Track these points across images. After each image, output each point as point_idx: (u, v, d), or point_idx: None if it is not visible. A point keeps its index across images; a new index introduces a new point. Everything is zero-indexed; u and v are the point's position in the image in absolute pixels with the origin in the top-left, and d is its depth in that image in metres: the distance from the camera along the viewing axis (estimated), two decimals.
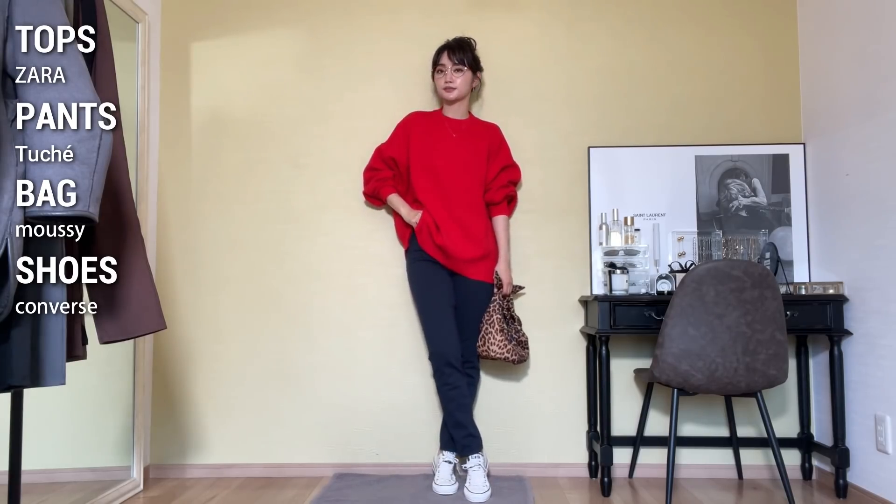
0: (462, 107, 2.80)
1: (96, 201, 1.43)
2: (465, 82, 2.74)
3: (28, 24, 1.40)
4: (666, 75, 2.97)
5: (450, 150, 2.72)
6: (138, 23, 2.74)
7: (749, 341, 2.25)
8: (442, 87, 2.74)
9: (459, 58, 2.71)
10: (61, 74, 1.41)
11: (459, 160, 2.71)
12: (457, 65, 2.71)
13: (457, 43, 2.75)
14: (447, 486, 2.53)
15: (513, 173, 2.83)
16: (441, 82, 2.74)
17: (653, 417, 2.86)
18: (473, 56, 2.75)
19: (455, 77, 2.71)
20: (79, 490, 2.28)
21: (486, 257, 2.70)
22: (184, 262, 2.94)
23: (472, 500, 2.43)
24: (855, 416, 2.55)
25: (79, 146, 1.40)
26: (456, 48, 2.73)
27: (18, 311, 1.44)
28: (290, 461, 2.87)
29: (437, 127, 2.76)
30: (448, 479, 2.56)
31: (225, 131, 2.99)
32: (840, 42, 2.66)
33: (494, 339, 2.61)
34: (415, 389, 2.88)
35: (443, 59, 2.73)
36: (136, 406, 2.65)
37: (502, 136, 2.83)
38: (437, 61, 2.76)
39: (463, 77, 2.72)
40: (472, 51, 2.76)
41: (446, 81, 2.72)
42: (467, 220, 2.68)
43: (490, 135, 2.79)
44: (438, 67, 2.75)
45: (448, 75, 2.71)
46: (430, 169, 2.71)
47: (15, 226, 1.36)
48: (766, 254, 2.69)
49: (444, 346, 2.58)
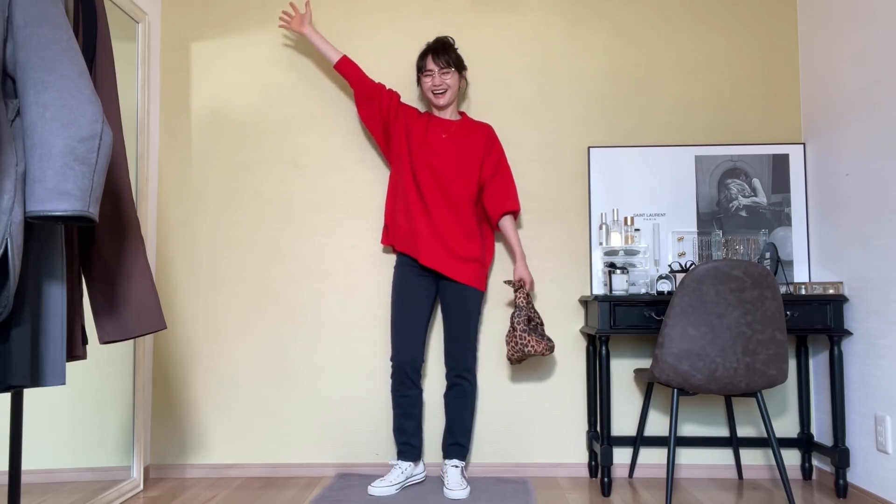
0: (452, 108, 2.77)
1: (96, 201, 1.43)
2: (453, 84, 2.71)
3: (28, 24, 1.40)
4: (666, 75, 2.97)
5: (438, 151, 2.68)
6: (138, 23, 2.74)
7: (749, 341, 2.25)
8: (431, 90, 2.70)
9: (446, 60, 2.67)
10: (61, 74, 1.40)
11: (447, 160, 2.66)
12: (444, 67, 2.67)
13: (440, 45, 2.71)
14: (458, 490, 2.50)
15: (506, 181, 2.76)
16: (429, 86, 2.70)
17: (653, 417, 2.86)
18: (457, 55, 2.73)
19: (444, 80, 2.68)
20: (79, 490, 2.28)
21: (468, 260, 2.64)
22: (184, 262, 2.94)
23: (450, 497, 2.49)
24: (855, 416, 2.55)
25: (78, 146, 1.39)
26: (440, 50, 2.69)
27: (18, 311, 1.44)
28: (290, 461, 2.87)
29: (427, 126, 2.73)
30: (458, 483, 2.54)
31: (225, 131, 2.99)
32: (840, 42, 2.66)
33: (529, 341, 2.56)
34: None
35: (429, 64, 2.69)
36: (136, 406, 2.65)
37: (495, 134, 2.79)
38: (422, 66, 2.72)
39: (451, 79, 2.69)
40: (455, 50, 2.74)
41: (434, 85, 2.69)
42: (444, 220, 2.63)
43: (483, 134, 2.75)
44: (425, 72, 2.71)
45: (436, 78, 2.68)
46: (413, 167, 2.67)
47: (15, 226, 1.36)
48: (766, 254, 2.69)
49: (402, 353, 2.61)
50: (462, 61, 2.75)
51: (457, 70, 2.71)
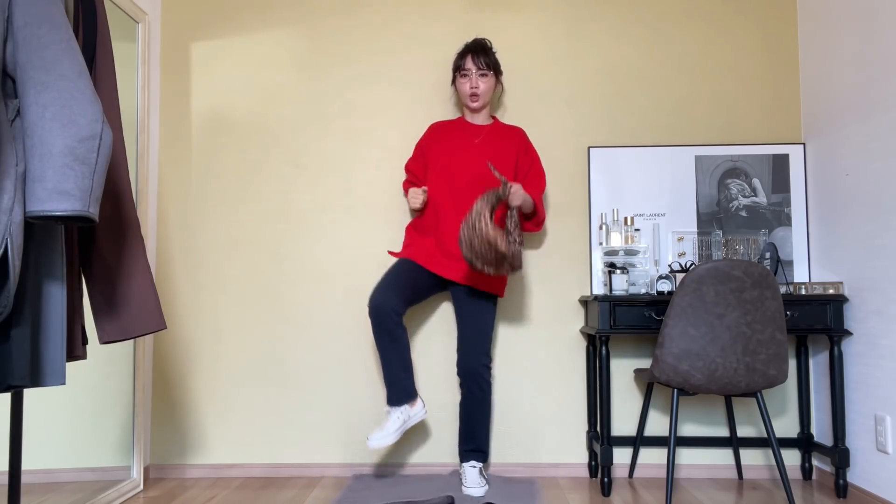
0: (485, 112, 2.71)
1: (96, 201, 1.43)
2: (489, 88, 2.64)
3: (28, 24, 1.40)
4: (666, 75, 2.97)
5: (470, 156, 2.61)
6: (138, 23, 2.74)
7: (749, 341, 2.25)
8: (467, 93, 2.63)
9: (485, 61, 2.60)
10: (61, 74, 1.40)
11: (480, 165, 2.60)
12: (482, 69, 2.60)
13: (479, 46, 2.64)
14: (476, 488, 2.51)
15: (538, 178, 2.69)
16: (466, 87, 2.63)
17: (653, 417, 2.86)
18: (495, 59, 2.66)
19: (480, 82, 2.61)
20: (79, 490, 2.28)
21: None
22: (184, 262, 2.94)
23: (470, 494, 2.48)
24: (855, 416, 2.55)
25: (78, 146, 1.39)
26: (480, 51, 2.61)
27: (18, 311, 1.44)
28: (289, 461, 2.87)
29: (458, 133, 2.68)
30: (477, 481, 2.53)
31: (225, 131, 2.99)
32: (840, 42, 2.66)
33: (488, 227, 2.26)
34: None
35: (467, 63, 2.62)
36: (136, 406, 2.65)
37: (528, 138, 2.74)
38: (460, 65, 2.64)
39: (487, 82, 2.63)
40: (493, 53, 2.67)
41: (472, 87, 2.61)
42: None
43: (516, 138, 2.69)
44: (462, 72, 2.63)
45: (473, 80, 2.61)
46: (446, 175, 2.61)
47: (15, 225, 1.36)
48: (766, 254, 2.69)
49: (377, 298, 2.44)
50: (499, 65, 2.69)
51: (494, 73, 2.65)
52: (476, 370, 2.52)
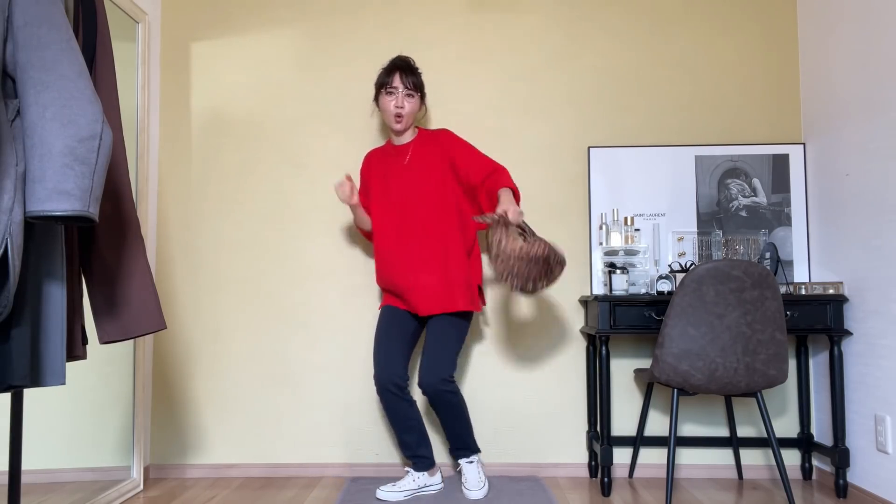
0: (410, 130, 2.63)
1: (96, 201, 1.43)
2: (414, 109, 2.56)
3: (28, 24, 1.40)
4: (666, 75, 2.97)
5: (403, 179, 2.55)
6: (138, 23, 2.74)
7: (749, 341, 2.25)
8: (392, 112, 2.53)
9: (413, 81, 2.54)
10: (61, 74, 1.40)
11: (413, 185, 2.53)
12: (409, 89, 2.53)
13: (407, 64, 2.57)
14: (476, 490, 2.49)
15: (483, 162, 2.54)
16: (391, 106, 2.53)
17: (653, 417, 2.86)
18: (421, 80, 2.60)
19: (406, 102, 2.53)
20: (79, 490, 2.28)
21: (445, 285, 2.46)
22: (184, 262, 2.94)
23: (470, 497, 2.47)
24: (855, 416, 2.55)
25: (78, 146, 1.39)
26: (408, 70, 2.55)
27: (18, 311, 1.44)
28: (289, 461, 2.87)
29: (387, 159, 2.62)
30: (477, 482, 2.52)
31: (225, 131, 2.99)
32: (840, 42, 2.66)
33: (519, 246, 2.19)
34: (415, 389, 2.88)
35: (395, 81, 2.53)
36: (136, 406, 2.65)
37: (453, 135, 2.61)
38: (386, 82, 2.55)
39: (413, 103, 2.55)
40: (420, 74, 2.61)
41: (396, 106, 2.52)
42: (419, 248, 2.48)
43: (441, 139, 2.58)
44: (389, 89, 2.54)
45: (399, 99, 2.52)
46: (385, 204, 2.57)
47: (15, 225, 1.36)
48: (766, 254, 2.69)
49: (380, 372, 2.47)
50: (424, 86, 2.62)
51: (420, 94, 2.59)
52: (435, 388, 2.41)
